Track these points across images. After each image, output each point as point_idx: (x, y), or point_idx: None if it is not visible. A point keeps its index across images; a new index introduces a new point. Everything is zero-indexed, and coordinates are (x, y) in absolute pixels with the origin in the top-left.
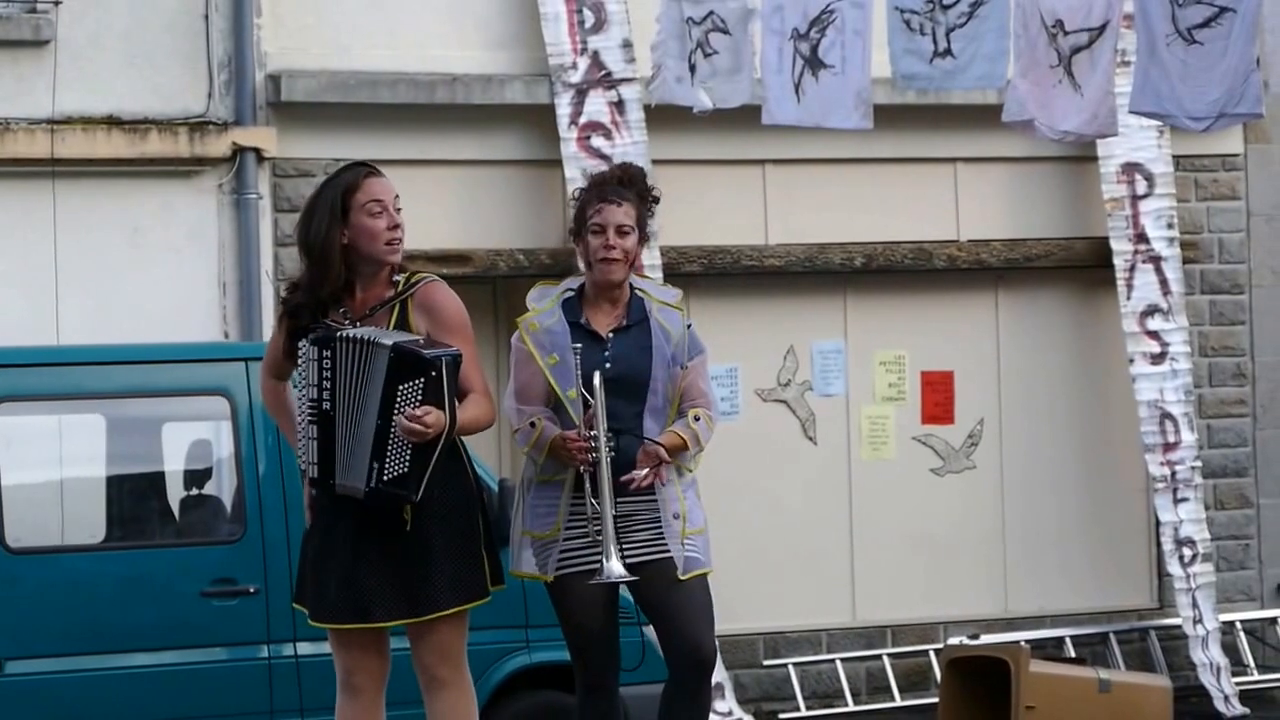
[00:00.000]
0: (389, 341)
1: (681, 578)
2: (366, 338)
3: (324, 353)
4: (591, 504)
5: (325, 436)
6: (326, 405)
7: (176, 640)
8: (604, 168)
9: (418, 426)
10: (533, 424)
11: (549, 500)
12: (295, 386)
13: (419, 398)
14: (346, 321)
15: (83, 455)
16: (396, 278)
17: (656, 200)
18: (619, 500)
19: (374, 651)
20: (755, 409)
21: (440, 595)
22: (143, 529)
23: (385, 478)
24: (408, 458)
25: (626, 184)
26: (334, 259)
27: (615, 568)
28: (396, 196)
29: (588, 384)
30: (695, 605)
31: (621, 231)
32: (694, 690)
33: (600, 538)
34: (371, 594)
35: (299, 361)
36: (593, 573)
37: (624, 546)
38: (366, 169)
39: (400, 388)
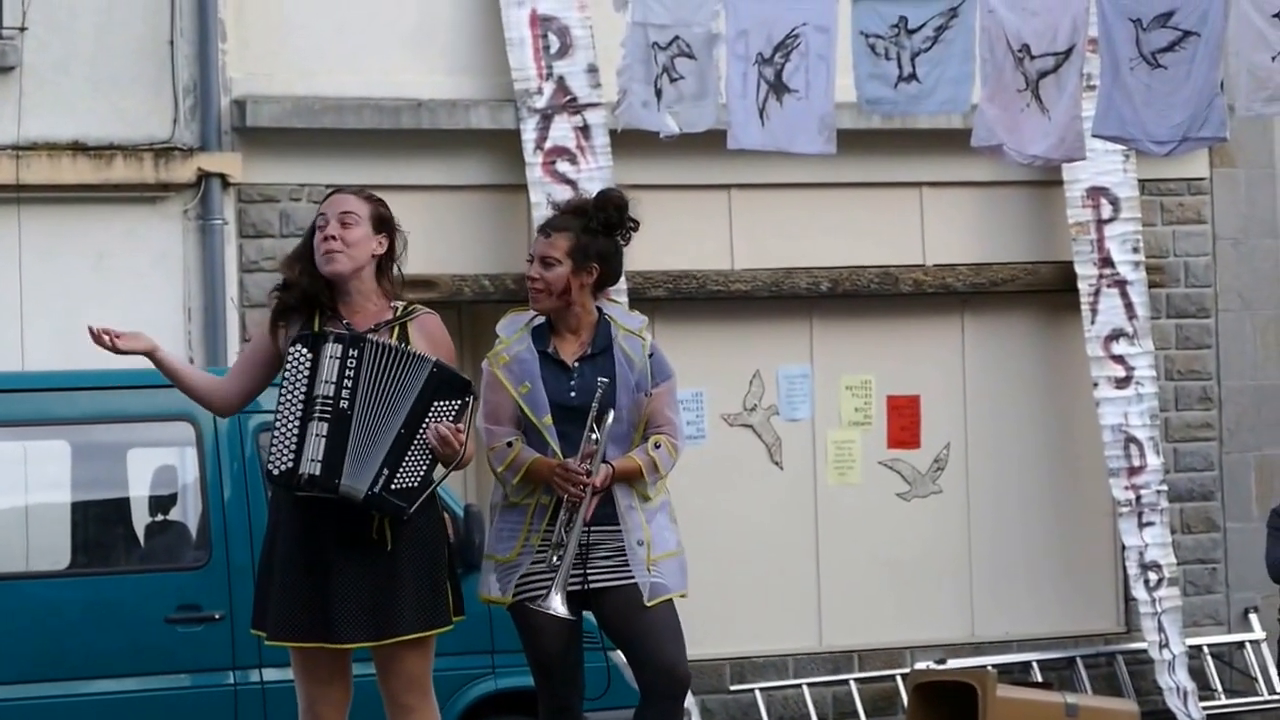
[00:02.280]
0: (432, 356)
1: (647, 604)
2: (405, 348)
3: (350, 351)
4: (561, 534)
5: (338, 435)
6: (345, 404)
7: (141, 666)
8: (569, 193)
9: (452, 438)
10: (509, 444)
11: (513, 524)
12: (285, 380)
13: (451, 417)
14: (350, 331)
15: (48, 481)
16: (395, 304)
17: (634, 227)
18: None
19: (337, 680)
20: (721, 433)
21: (404, 619)
22: (108, 555)
23: (393, 486)
24: (421, 473)
25: (575, 213)
26: (307, 265)
27: (556, 603)
28: (347, 212)
29: (599, 417)
30: (664, 628)
31: (545, 263)
32: (669, 714)
33: (558, 565)
34: (337, 614)
35: (292, 355)
36: (578, 597)
37: (588, 572)
38: (338, 188)
39: (437, 403)
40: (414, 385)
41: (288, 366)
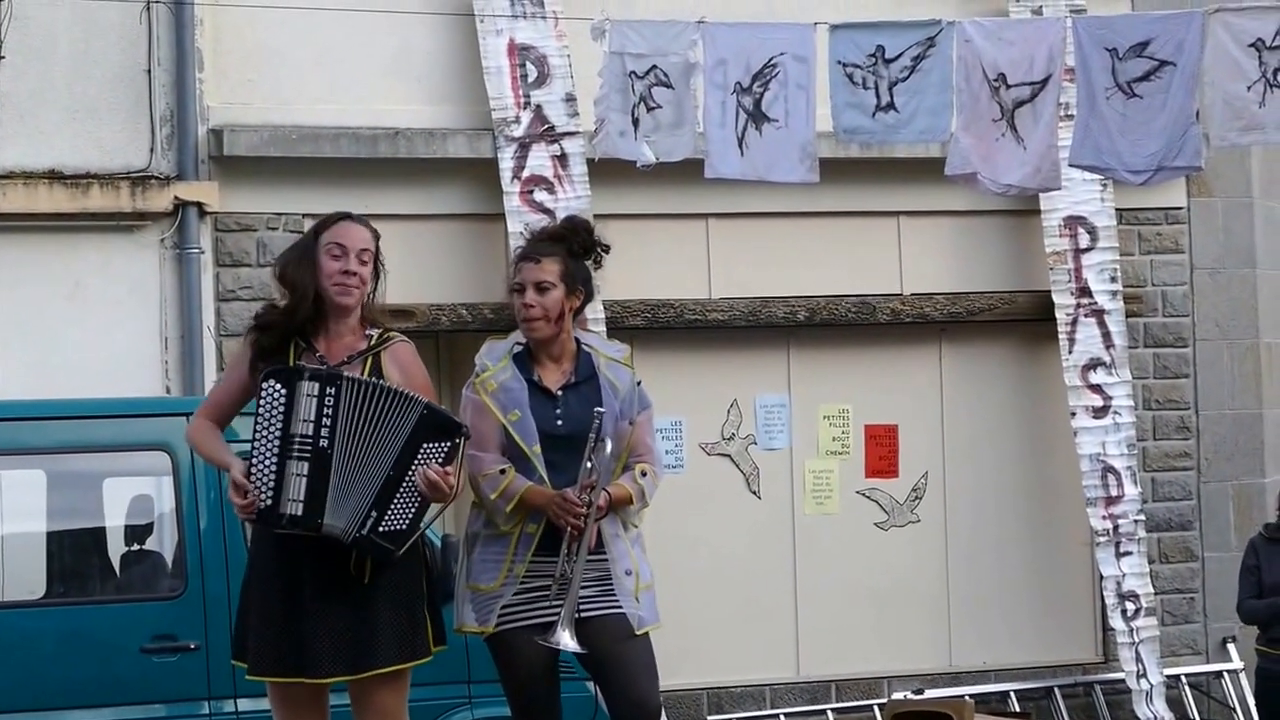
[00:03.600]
0: (422, 399)
1: (636, 633)
2: (388, 388)
3: (327, 390)
4: (564, 567)
5: (318, 475)
6: (324, 443)
7: (116, 697)
8: (546, 221)
9: (443, 484)
10: (502, 471)
11: (496, 554)
12: (260, 416)
13: (441, 459)
14: (325, 365)
15: (22, 510)
16: (370, 332)
17: (605, 250)
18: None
19: (314, 712)
20: (699, 463)
21: (382, 652)
22: (83, 585)
23: (381, 529)
24: (410, 515)
25: (557, 238)
26: (304, 290)
27: (565, 638)
28: (365, 250)
29: (596, 447)
30: (643, 661)
31: (540, 288)
32: None
33: (562, 599)
34: (315, 648)
35: (266, 391)
36: (534, 628)
37: (550, 606)
38: (349, 215)
39: (425, 445)
40: (403, 427)
41: (262, 401)
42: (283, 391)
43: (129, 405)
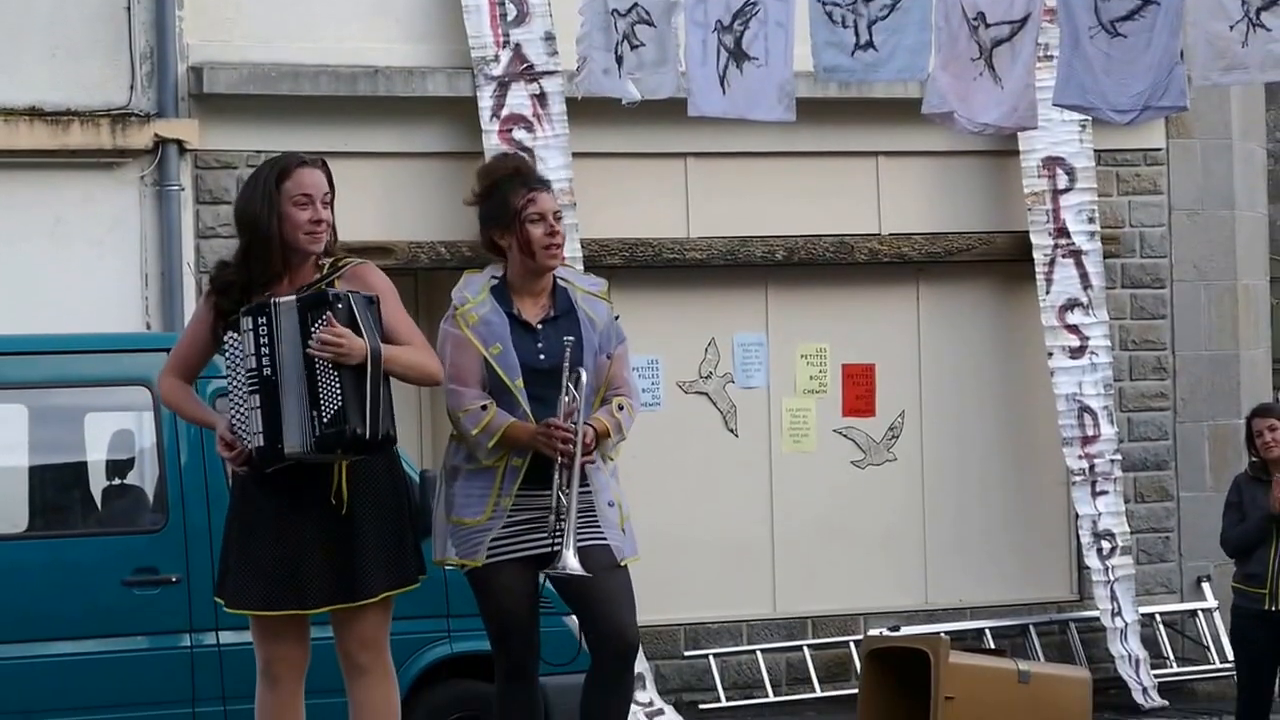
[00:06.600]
0: (292, 297)
1: (620, 563)
2: (284, 300)
3: (259, 320)
4: (559, 496)
5: (269, 402)
6: (267, 370)
7: (98, 629)
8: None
9: (330, 338)
10: (483, 407)
11: (480, 488)
12: (227, 368)
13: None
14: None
15: (4, 445)
16: (322, 262)
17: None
18: (549, 491)
19: (296, 641)
20: (677, 401)
21: (372, 581)
22: (65, 518)
23: (324, 420)
24: (338, 391)
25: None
26: (272, 242)
27: (572, 561)
28: (327, 192)
29: (573, 377)
30: (623, 592)
31: (558, 218)
32: (617, 677)
33: (561, 528)
34: (304, 579)
35: (228, 342)
36: (523, 561)
37: (551, 538)
38: (300, 159)
39: (313, 329)
40: (294, 325)
41: (226, 353)
42: (236, 338)
43: (110, 341)
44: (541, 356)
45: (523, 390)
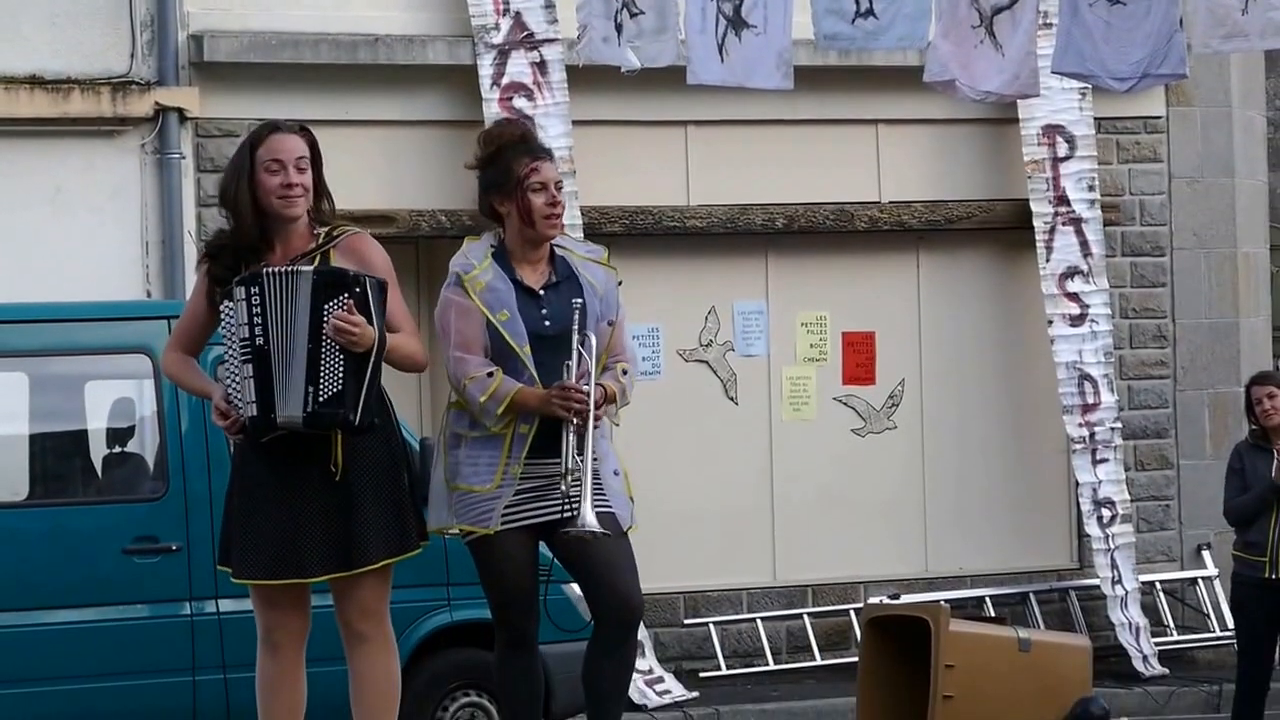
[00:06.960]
0: (310, 267)
1: (624, 531)
2: (290, 268)
3: (252, 290)
4: (575, 458)
5: (262, 372)
6: (260, 340)
7: (99, 597)
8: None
9: (346, 325)
10: (490, 374)
11: (489, 456)
12: (224, 336)
13: (345, 311)
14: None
15: (5, 413)
16: (318, 230)
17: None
18: (557, 459)
19: (297, 609)
20: (677, 369)
21: (371, 549)
22: (65, 486)
23: (321, 398)
24: (340, 375)
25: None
26: (244, 210)
27: (590, 517)
28: (302, 157)
29: (583, 339)
30: (626, 558)
31: (559, 188)
32: (621, 644)
33: (577, 490)
34: (304, 548)
35: (224, 311)
36: (533, 528)
37: (566, 501)
38: (274, 126)
39: (326, 306)
40: (304, 298)
41: (221, 323)
42: (230, 307)
43: (111, 309)
44: (547, 323)
45: (530, 356)
